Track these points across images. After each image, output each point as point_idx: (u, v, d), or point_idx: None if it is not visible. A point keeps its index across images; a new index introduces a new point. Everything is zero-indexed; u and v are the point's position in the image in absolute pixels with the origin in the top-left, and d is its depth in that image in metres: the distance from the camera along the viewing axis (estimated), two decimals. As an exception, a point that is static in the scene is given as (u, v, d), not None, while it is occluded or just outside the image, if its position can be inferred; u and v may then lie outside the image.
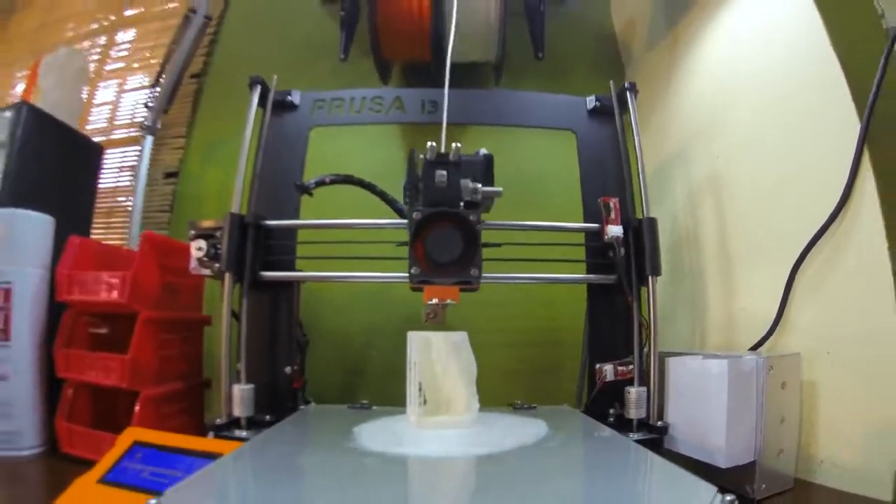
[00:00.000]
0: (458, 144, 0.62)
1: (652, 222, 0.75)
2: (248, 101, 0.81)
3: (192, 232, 0.74)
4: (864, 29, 0.66)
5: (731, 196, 0.88)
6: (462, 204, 0.64)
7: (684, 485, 0.40)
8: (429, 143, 0.61)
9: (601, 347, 0.78)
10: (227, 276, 0.71)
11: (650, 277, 0.73)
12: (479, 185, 0.62)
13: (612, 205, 0.76)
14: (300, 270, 0.80)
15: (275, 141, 0.82)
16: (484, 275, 0.73)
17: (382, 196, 0.85)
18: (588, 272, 0.79)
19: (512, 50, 1.16)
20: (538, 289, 1.11)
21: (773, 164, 0.78)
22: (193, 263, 0.73)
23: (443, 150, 0.63)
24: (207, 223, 0.74)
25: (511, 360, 1.09)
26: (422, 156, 0.63)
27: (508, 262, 0.75)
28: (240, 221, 0.73)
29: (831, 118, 0.68)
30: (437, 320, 0.63)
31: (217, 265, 0.72)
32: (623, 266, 0.74)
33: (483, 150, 0.67)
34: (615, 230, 0.75)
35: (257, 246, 0.74)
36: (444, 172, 0.61)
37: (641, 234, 0.75)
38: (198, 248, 0.72)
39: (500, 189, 0.65)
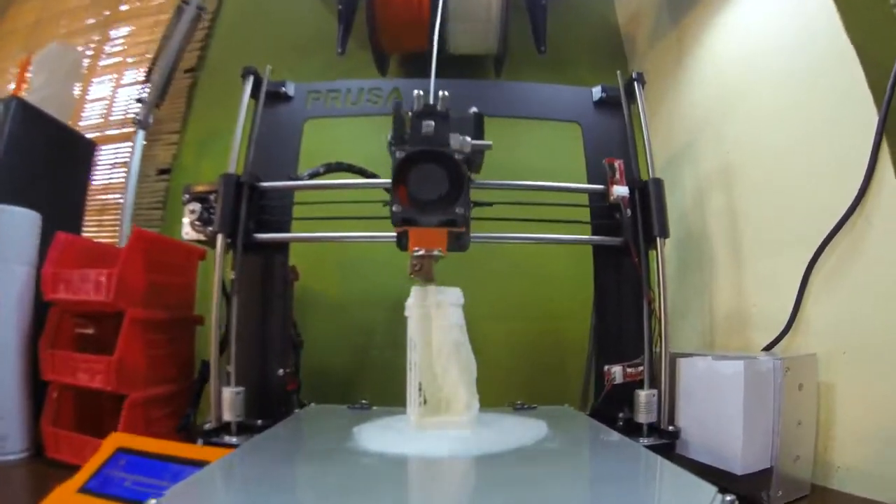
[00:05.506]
0: (446, 93, 0.59)
1: (658, 183, 0.73)
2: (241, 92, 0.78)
3: (187, 196, 0.71)
4: (880, 15, 0.63)
5: (742, 190, 0.86)
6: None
7: (684, 484, 0.40)
8: (416, 92, 0.59)
9: (608, 325, 0.76)
10: (220, 239, 0.68)
11: (658, 239, 0.70)
12: (468, 138, 0.59)
13: (616, 165, 0.74)
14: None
15: (268, 133, 0.79)
16: (489, 234, 0.71)
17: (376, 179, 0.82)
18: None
19: (514, 43, 1.13)
20: (539, 262, 1.09)
21: (787, 157, 0.76)
22: (186, 228, 0.70)
23: (430, 101, 0.60)
24: (202, 187, 0.71)
25: (508, 335, 1.07)
26: (409, 112, 0.60)
27: (510, 224, 0.73)
28: (235, 181, 0.70)
29: (847, 109, 0.65)
30: (423, 274, 0.59)
31: (210, 229, 0.69)
32: (630, 227, 0.72)
33: (473, 109, 0.65)
34: (621, 190, 0.73)
35: (251, 207, 0.71)
36: (432, 122, 0.58)
37: (648, 195, 0.72)
38: (191, 210, 0.69)
39: (490, 143, 0.62)
